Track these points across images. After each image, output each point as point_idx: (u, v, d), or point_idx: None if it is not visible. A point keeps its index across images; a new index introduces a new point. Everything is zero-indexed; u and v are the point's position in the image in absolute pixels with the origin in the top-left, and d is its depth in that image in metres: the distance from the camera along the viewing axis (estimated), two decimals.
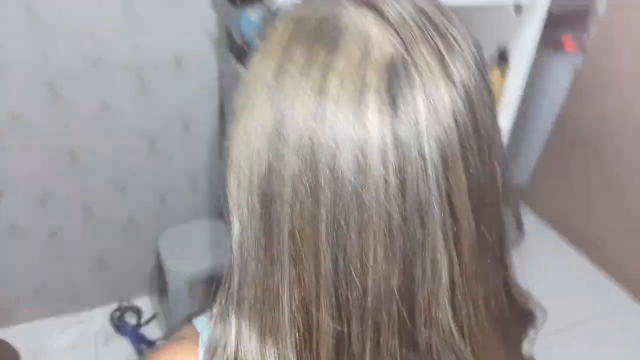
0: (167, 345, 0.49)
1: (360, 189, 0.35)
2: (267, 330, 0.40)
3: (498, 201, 0.41)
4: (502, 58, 1.49)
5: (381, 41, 0.36)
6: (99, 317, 1.86)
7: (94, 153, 1.59)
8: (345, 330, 0.39)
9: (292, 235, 0.37)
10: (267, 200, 0.38)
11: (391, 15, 0.37)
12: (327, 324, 0.38)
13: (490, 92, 0.40)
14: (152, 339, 1.80)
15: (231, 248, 0.43)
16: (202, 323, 0.51)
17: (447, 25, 0.38)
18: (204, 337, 0.47)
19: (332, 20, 0.37)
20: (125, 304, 1.90)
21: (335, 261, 0.37)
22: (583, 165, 2.28)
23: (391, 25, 0.36)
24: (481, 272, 0.40)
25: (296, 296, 0.38)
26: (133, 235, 1.80)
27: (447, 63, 0.36)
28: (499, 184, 0.40)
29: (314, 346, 0.39)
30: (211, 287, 1.57)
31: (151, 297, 1.96)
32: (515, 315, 0.47)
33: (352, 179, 0.34)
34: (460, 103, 0.36)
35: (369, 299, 0.37)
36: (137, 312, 1.90)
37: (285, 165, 0.36)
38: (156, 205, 1.78)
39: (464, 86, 0.36)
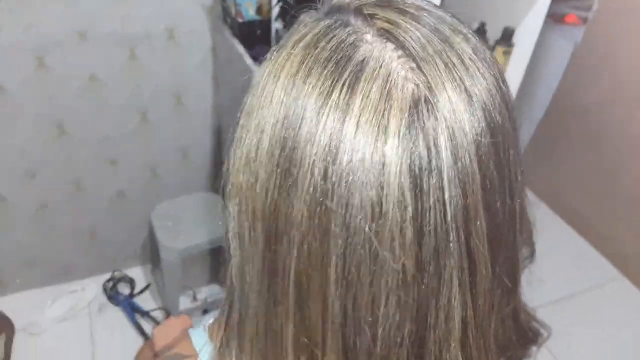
0: None
1: (374, 238, 0.33)
2: None
3: (515, 237, 0.40)
4: (506, 38, 1.45)
5: (403, 78, 0.33)
6: (92, 287, 1.86)
7: (83, 126, 1.55)
8: None
9: (298, 278, 0.35)
10: (272, 238, 0.36)
11: (412, 45, 0.34)
12: None
13: (514, 122, 0.38)
14: (146, 309, 1.81)
15: (231, 273, 0.42)
16: (199, 338, 0.50)
17: (465, 48, 0.35)
18: (202, 357, 0.47)
19: (348, 50, 0.34)
20: (118, 274, 1.90)
21: (344, 308, 0.35)
22: (580, 140, 2.27)
23: (412, 58, 0.33)
24: (493, 309, 0.39)
25: (300, 339, 0.37)
26: (124, 208, 1.78)
27: (471, 97, 0.34)
28: (517, 221, 0.39)
29: None
30: (205, 261, 1.56)
31: (144, 267, 1.96)
32: (520, 338, 0.47)
33: (367, 227, 0.32)
34: (484, 144, 0.34)
35: (378, 345, 0.36)
36: (130, 282, 1.90)
37: (293, 207, 0.34)
38: (148, 179, 1.75)
39: (487, 123, 0.34)
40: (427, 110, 0.32)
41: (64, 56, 1.40)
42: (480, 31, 1.47)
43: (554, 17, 2.19)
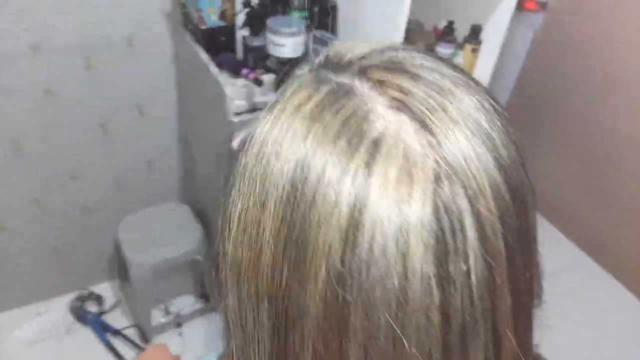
0: None
1: (397, 328, 0.30)
2: None
3: (533, 300, 0.38)
4: (474, 35, 1.45)
5: (422, 155, 0.30)
6: (58, 307, 1.78)
7: (41, 142, 1.46)
8: None
9: None
10: (281, 325, 0.33)
11: (428, 117, 0.31)
12: None
13: (532, 187, 0.36)
14: (117, 327, 1.75)
15: (232, 348, 0.38)
16: None
17: (482, 113, 0.33)
18: None
19: (360, 126, 0.31)
20: (85, 292, 1.83)
21: None
22: (543, 125, 2.31)
23: (430, 131, 0.31)
24: None
25: None
26: (89, 224, 1.71)
27: (497, 169, 0.32)
28: (535, 285, 0.37)
29: None
30: (176, 272, 1.50)
31: (112, 283, 1.89)
32: None
33: (389, 318, 0.30)
34: (509, 216, 0.32)
35: None
36: (98, 299, 1.83)
37: (306, 295, 0.31)
38: (112, 192, 1.68)
39: (511, 192, 0.32)
40: (450, 190, 0.30)
41: (16, 71, 1.31)
42: (448, 30, 1.47)
43: None
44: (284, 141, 0.33)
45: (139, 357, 0.87)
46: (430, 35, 1.49)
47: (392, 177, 0.29)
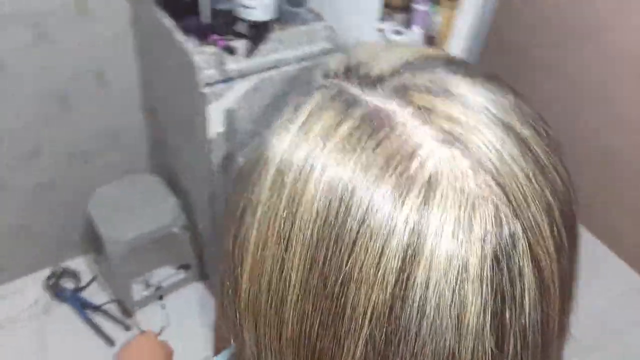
0: None
1: None
2: None
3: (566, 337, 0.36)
4: None
5: (482, 199, 0.26)
6: (32, 285, 1.72)
7: None
8: None
9: None
10: None
11: (484, 153, 0.27)
12: None
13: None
14: (97, 302, 1.71)
15: None
16: None
17: (539, 144, 0.29)
18: None
19: (409, 164, 0.26)
20: (58, 268, 1.76)
21: None
22: (511, 76, 2.27)
23: (486, 170, 0.27)
24: None
25: None
26: (57, 200, 1.62)
27: (552, 210, 0.28)
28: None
29: None
30: (154, 244, 1.45)
31: (86, 258, 1.83)
32: None
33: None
34: (564, 257, 0.29)
35: None
36: (74, 275, 1.77)
37: (343, 349, 0.28)
38: (78, 166, 1.59)
39: (567, 231, 0.29)
40: (510, 234, 0.26)
41: None
42: None
43: None
44: (311, 172, 0.28)
45: (127, 345, 0.83)
46: None
47: (449, 224, 0.26)
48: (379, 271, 0.26)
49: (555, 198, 0.29)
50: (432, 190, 0.26)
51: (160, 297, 1.75)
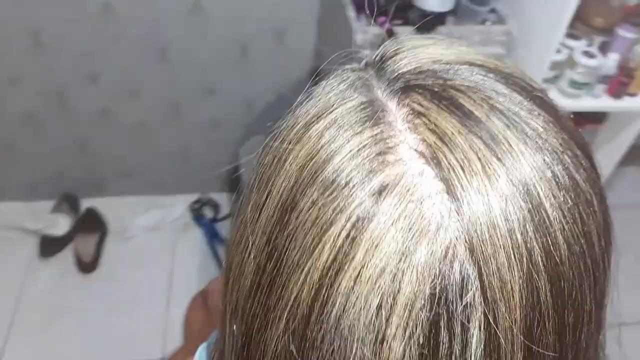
0: None
1: None
2: None
3: None
4: None
5: (437, 231, 0.24)
6: (180, 204, 1.94)
7: (185, 53, 1.54)
8: None
9: None
10: (244, 349, 0.30)
11: (463, 187, 0.24)
12: None
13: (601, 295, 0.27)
14: (223, 235, 1.88)
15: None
16: None
17: (546, 184, 0.25)
18: None
19: (375, 160, 0.25)
20: (205, 196, 1.97)
21: None
22: None
23: (456, 199, 0.24)
24: None
25: None
26: (217, 137, 1.80)
27: (537, 266, 0.24)
28: None
29: None
30: None
31: (230, 195, 2.01)
32: None
33: None
34: (541, 324, 0.24)
35: None
36: (215, 206, 1.96)
37: (265, 337, 0.28)
38: (242, 113, 1.74)
39: (556, 296, 0.24)
40: (461, 281, 0.23)
41: None
42: None
43: None
44: (287, 156, 0.28)
45: (211, 281, 0.90)
46: (614, 13, 1.24)
47: (392, 236, 0.23)
48: (309, 261, 0.25)
49: (547, 251, 0.24)
50: (381, 197, 0.24)
51: None
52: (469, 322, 0.23)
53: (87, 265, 1.73)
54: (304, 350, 0.26)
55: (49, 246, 1.75)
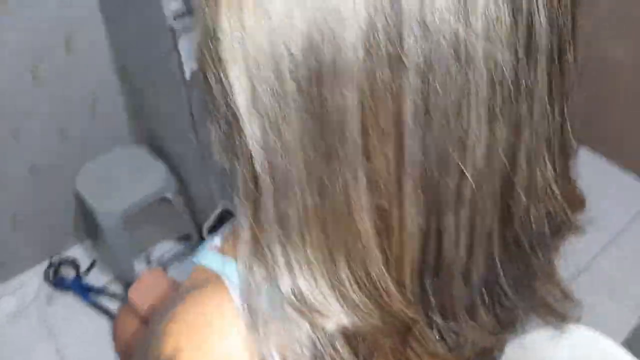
0: (191, 295, 0.38)
1: (462, 33, 0.25)
2: (333, 249, 0.30)
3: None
4: None
5: None
6: (33, 279, 1.67)
7: None
8: (434, 225, 0.30)
9: (362, 127, 0.27)
10: (312, 83, 0.26)
11: None
12: (414, 223, 0.29)
13: None
14: (99, 285, 1.66)
15: (241, 159, 0.31)
16: (213, 259, 0.39)
17: None
18: (229, 276, 0.37)
19: None
20: (56, 258, 1.72)
21: (425, 147, 0.27)
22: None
23: None
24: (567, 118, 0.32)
25: (371, 199, 0.28)
26: (42, 184, 1.58)
27: None
28: None
29: (396, 251, 0.30)
30: (150, 215, 1.41)
31: (83, 244, 1.79)
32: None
33: (452, 21, 0.24)
34: None
35: (468, 185, 0.28)
36: (73, 263, 1.73)
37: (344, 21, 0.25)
38: (59, 145, 1.55)
39: None
40: None
41: None
42: None
43: None
44: None
45: (137, 282, 0.81)
46: None
47: None
48: None
49: None
50: None
51: (164, 270, 1.70)
52: None
53: None
54: None
55: None
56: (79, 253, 1.76)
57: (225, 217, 0.74)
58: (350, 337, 0.31)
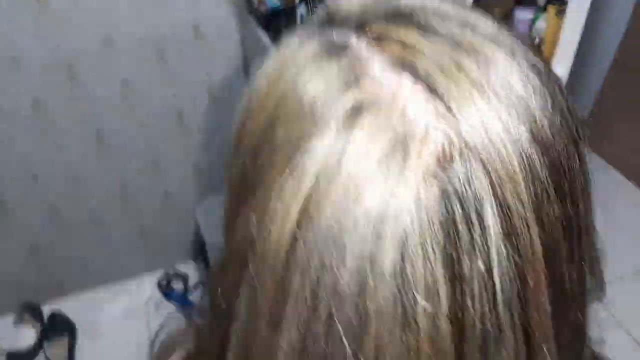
0: None
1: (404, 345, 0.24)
2: None
3: (585, 298, 0.31)
4: None
5: (426, 127, 0.24)
6: (147, 284, 1.89)
7: (121, 133, 1.54)
8: None
9: None
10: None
11: (444, 86, 0.25)
12: None
13: (585, 169, 0.29)
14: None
15: None
16: None
17: (518, 75, 0.26)
18: None
19: (346, 89, 0.26)
20: (171, 270, 1.92)
21: None
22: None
23: (441, 99, 0.25)
24: None
25: None
26: (171, 207, 1.79)
27: (529, 148, 0.25)
28: (587, 272, 0.30)
29: None
30: None
31: (196, 264, 1.97)
32: None
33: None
34: (546, 201, 0.26)
35: None
36: (184, 278, 1.91)
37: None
38: (191, 177, 1.74)
39: (551, 172, 0.26)
40: (465, 171, 0.24)
41: (94, 66, 1.39)
42: None
43: None
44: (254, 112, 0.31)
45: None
46: (508, 1, 1.36)
47: (375, 152, 0.24)
48: (293, 181, 0.26)
49: (534, 134, 0.25)
50: (367, 109, 0.25)
51: None
52: (482, 207, 0.24)
53: None
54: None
55: None
56: (191, 270, 1.95)
57: None
58: None
